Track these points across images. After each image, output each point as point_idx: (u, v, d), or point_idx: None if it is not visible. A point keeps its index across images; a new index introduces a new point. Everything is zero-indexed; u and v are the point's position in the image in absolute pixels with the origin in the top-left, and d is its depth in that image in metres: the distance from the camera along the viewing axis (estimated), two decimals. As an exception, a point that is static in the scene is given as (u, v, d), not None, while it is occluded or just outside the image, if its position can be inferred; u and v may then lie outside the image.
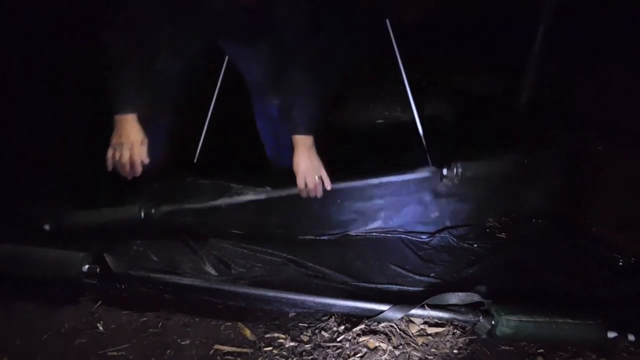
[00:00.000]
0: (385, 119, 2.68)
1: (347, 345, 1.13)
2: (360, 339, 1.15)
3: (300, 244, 1.67)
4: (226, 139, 2.21)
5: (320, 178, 1.58)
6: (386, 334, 1.16)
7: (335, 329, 1.19)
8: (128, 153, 1.41)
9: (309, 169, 1.56)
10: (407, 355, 1.11)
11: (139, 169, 1.43)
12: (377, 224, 1.76)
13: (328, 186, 1.58)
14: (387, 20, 2.38)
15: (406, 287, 1.44)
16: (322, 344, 1.14)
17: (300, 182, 1.56)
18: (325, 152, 1.62)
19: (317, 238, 1.72)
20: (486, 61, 3.09)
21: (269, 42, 1.72)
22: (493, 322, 1.14)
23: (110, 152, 1.41)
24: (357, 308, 1.19)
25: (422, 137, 2.01)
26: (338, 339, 1.15)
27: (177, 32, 1.63)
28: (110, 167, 1.45)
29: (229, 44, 1.87)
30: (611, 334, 1.13)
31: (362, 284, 1.44)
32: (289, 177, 1.60)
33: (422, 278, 1.49)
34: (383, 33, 2.35)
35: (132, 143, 1.41)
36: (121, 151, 1.40)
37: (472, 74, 3.09)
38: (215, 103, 2.27)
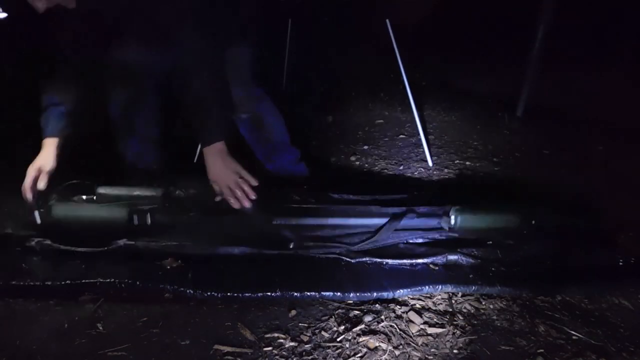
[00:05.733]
0: (385, 119, 2.68)
1: (347, 345, 1.13)
2: (360, 339, 1.15)
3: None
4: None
5: (242, 178, 1.48)
6: (386, 334, 1.16)
7: (335, 329, 1.19)
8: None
9: (227, 174, 1.46)
10: (407, 355, 1.11)
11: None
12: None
13: (253, 182, 1.48)
14: (387, 21, 2.39)
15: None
16: (322, 344, 1.14)
17: (225, 191, 1.47)
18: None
19: None
20: (486, 62, 3.09)
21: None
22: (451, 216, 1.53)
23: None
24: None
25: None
26: (338, 339, 1.15)
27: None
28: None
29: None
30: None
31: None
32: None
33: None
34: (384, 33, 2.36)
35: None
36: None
37: (472, 74, 3.09)
38: None
